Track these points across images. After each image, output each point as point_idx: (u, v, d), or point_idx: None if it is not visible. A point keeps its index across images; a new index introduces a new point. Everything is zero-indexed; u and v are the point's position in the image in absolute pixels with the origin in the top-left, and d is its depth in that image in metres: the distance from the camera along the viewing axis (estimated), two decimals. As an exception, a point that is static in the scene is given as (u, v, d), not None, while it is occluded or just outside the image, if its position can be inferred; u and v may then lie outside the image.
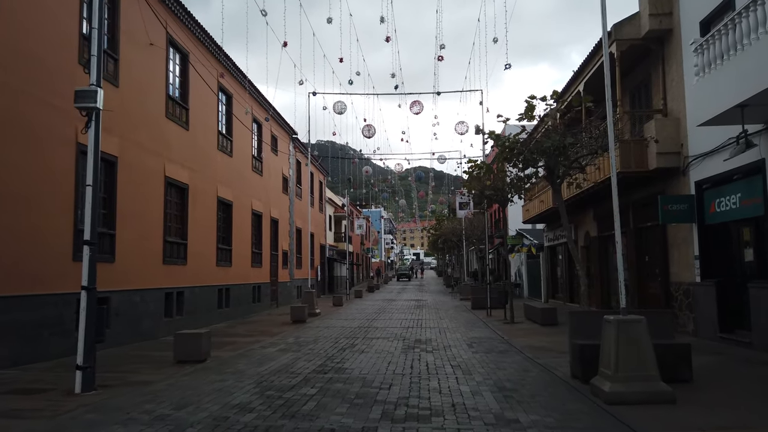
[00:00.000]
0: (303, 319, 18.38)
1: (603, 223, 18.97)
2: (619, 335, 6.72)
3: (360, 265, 59.46)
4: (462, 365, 9.62)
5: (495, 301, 20.96)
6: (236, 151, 20.82)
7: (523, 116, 9.55)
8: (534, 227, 32.27)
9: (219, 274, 18.81)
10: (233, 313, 19.80)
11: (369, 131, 21.88)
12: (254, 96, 22.77)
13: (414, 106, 21.31)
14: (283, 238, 27.63)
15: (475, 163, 17.59)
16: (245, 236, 21.76)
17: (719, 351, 10.54)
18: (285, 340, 13.64)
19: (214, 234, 18.54)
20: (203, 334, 10.01)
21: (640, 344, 6.66)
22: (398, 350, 11.70)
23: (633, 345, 6.67)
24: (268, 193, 25.19)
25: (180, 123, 16.19)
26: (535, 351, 11.36)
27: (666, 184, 13.86)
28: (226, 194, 19.65)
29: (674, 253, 13.74)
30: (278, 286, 26.43)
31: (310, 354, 11.20)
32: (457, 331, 15.51)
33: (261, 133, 24.20)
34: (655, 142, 11.89)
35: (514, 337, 13.97)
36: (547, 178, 10.38)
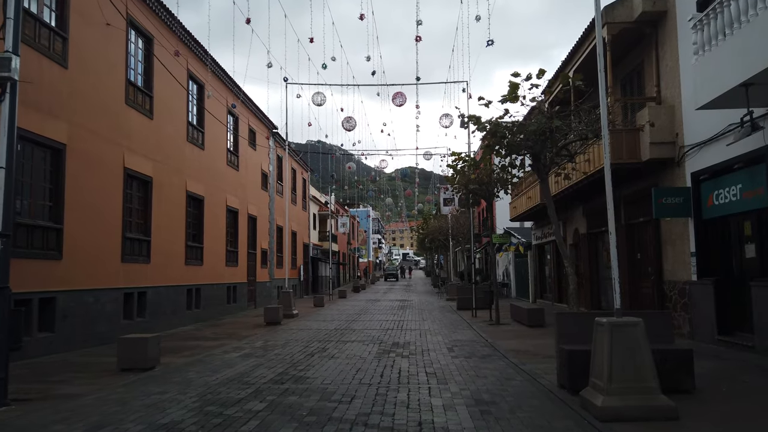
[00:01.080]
0: (277, 321, 17.35)
1: (593, 220, 18.13)
2: (613, 340, 5.80)
3: (346, 264, 58.41)
4: (438, 373, 8.67)
5: (480, 302, 20.07)
6: (209, 143, 19.74)
7: (506, 98, 8.63)
8: (522, 225, 31.47)
9: (188, 273, 17.73)
10: (204, 315, 18.72)
11: (349, 123, 20.91)
12: (229, 86, 21.70)
13: (396, 98, 20.36)
14: (262, 236, 26.57)
15: (459, 156, 16.67)
16: (219, 234, 20.69)
17: (719, 355, 9.68)
18: (252, 344, 12.62)
19: (182, 231, 17.46)
20: (150, 339, 8.97)
21: (638, 351, 5.75)
22: (371, 355, 10.73)
23: (629, 352, 5.75)
24: (245, 189, 24.12)
25: (143, 111, 15.10)
26: (519, 355, 10.45)
27: (659, 177, 13.02)
28: (196, 189, 18.57)
29: (668, 251, 12.90)
30: (256, 287, 25.35)
31: (275, 360, 10.20)
32: (438, 334, 14.58)
33: (237, 126, 23.12)
34: (651, 126, 11.03)
35: (498, 339, 13.06)
36: (532, 166, 9.46)
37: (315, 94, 20.52)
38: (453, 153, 16.67)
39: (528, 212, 22.25)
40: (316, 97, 20.52)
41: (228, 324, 17.81)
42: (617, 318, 5.95)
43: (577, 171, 12.03)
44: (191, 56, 18.14)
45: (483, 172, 17.01)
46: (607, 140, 6.99)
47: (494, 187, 17.01)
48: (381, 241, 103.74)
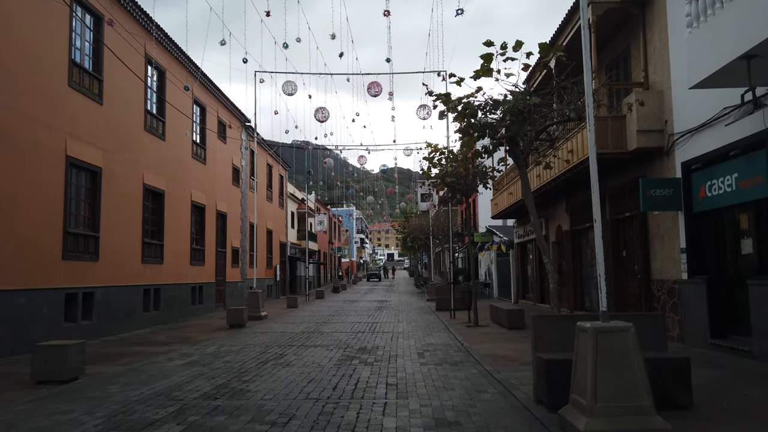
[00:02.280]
0: (242, 324, 16.19)
1: (576, 216, 17.24)
2: (598, 350, 4.79)
3: (325, 264, 57.17)
4: (401, 384, 7.62)
5: (459, 302, 19.08)
6: (171, 134, 18.49)
7: (479, 73, 7.62)
8: (505, 224, 30.59)
9: (146, 272, 16.48)
10: (164, 317, 17.48)
11: (322, 114, 19.79)
12: (194, 74, 20.46)
13: (372, 88, 19.28)
14: (233, 233, 25.33)
15: (435, 148, 15.65)
16: (182, 230, 19.44)
17: (714, 361, 8.76)
18: (204, 350, 11.47)
19: (139, 226, 16.20)
20: (71, 347, 7.80)
21: (628, 362, 4.74)
22: (332, 362, 9.65)
23: (618, 363, 4.75)
24: (214, 184, 22.87)
25: (90, 95, 13.85)
26: (495, 362, 9.45)
27: (647, 168, 12.11)
28: (156, 182, 17.32)
29: (656, 247, 12.00)
30: (226, 287, 24.11)
31: (221, 369, 9.07)
32: (411, 337, 13.55)
33: (204, 117, 21.88)
34: (640, 105, 10.09)
35: (474, 343, 12.06)
36: (509, 152, 8.46)
37: (285, 83, 19.38)
38: (429, 144, 15.64)
39: (510, 209, 21.31)
40: (287, 87, 19.37)
41: (188, 327, 16.60)
42: (603, 322, 4.94)
43: (560, 159, 11.06)
44: (150, 40, 16.89)
45: (461, 164, 16.03)
46: (593, 121, 6.02)
47: (473, 180, 16.04)
48: (364, 241, 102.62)
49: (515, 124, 7.59)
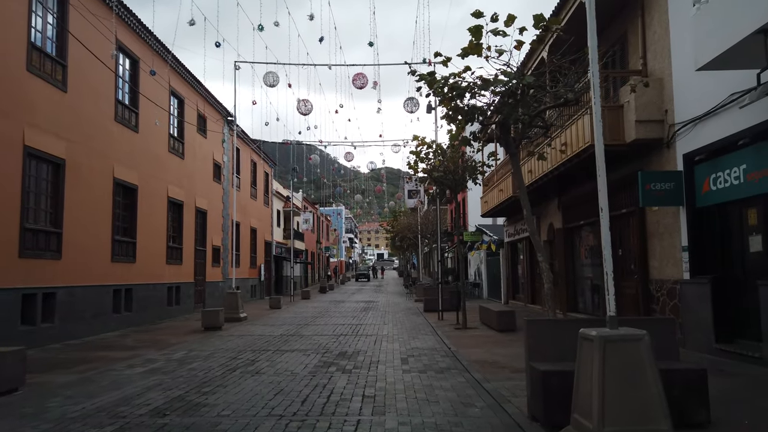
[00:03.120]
0: (218, 326, 15.31)
1: (570, 213, 16.54)
2: (606, 362, 4.02)
3: (312, 264, 56.22)
4: (379, 395, 6.82)
5: (447, 303, 18.33)
6: (145, 126, 17.56)
7: (467, 51, 6.85)
8: (495, 222, 29.92)
9: (116, 271, 15.55)
10: (137, 319, 16.54)
11: (305, 107, 18.94)
12: (172, 65, 19.54)
13: (357, 80, 18.48)
14: (213, 231, 24.39)
15: (422, 141, 14.88)
16: (158, 228, 18.51)
17: (723, 369, 8.05)
18: (171, 355, 10.60)
19: (108, 223, 15.27)
20: (8, 354, 6.92)
21: (642, 378, 3.99)
22: (307, 370, 8.84)
23: (630, 379, 3.99)
24: (193, 180, 21.94)
25: (52, 81, 12.92)
26: (484, 368, 8.70)
27: (645, 162, 11.41)
28: (127, 176, 16.38)
29: (655, 245, 11.31)
30: (206, 287, 23.18)
31: (183, 378, 8.23)
32: (396, 340, 12.77)
33: (182, 110, 20.94)
34: (645, 86, 9.37)
35: (462, 347, 11.31)
36: (500, 139, 7.70)
37: (266, 74, 18.51)
38: (416, 137, 14.86)
39: (500, 206, 20.59)
40: (268, 78, 18.50)
41: (162, 329, 15.69)
42: (611, 329, 4.18)
43: (554, 149, 10.32)
44: (121, 26, 15.97)
45: (449, 160, 15.28)
46: (598, 94, 5.25)
47: (462, 175, 15.29)
48: (353, 241, 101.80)
49: (507, 106, 6.83)
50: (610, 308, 4.26)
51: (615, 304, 4.31)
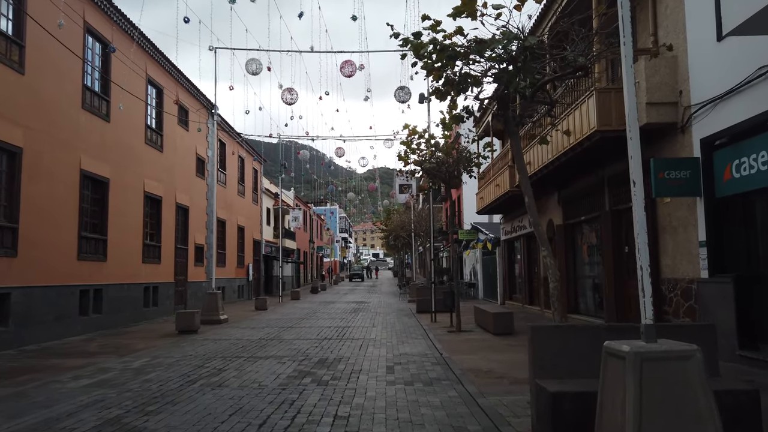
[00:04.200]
0: (192, 329, 14.21)
1: (570, 208, 15.52)
2: (644, 389, 2.97)
3: (305, 263, 55.05)
4: (354, 416, 5.76)
5: (441, 304, 17.28)
6: (118, 116, 16.42)
7: (460, 9, 5.80)
8: (491, 220, 28.94)
9: (83, 270, 14.42)
10: (108, 322, 15.41)
11: (290, 96, 17.85)
12: (149, 52, 18.43)
13: (345, 67, 17.39)
14: (196, 229, 23.25)
15: (413, 130, 13.83)
16: (133, 224, 17.37)
17: (753, 379, 6.99)
18: (130, 364, 9.50)
19: (74, 218, 14.14)
20: None
21: (694, 409, 2.93)
22: (278, 381, 7.77)
23: (678, 411, 2.93)
24: (173, 174, 20.81)
25: (8, 63, 11.80)
26: (479, 379, 7.65)
27: (656, 149, 10.38)
28: (97, 168, 15.25)
29: (667, 240, 10.28)
30: (187, 287, 22.04)
31: (132, 392, 7.14)
32: (384, 345, 11.71)
33: (161, 101, 19.81)
34: (654, 56, 8.34)
35: (455, 353, 10.26)
36: (498, 115, 6.65)
37: (249, 61, 17.41)
38: (406, 126, 13.81)
39: (496, 202, 19.56)
40: (250, 65, 17.40)
41: (132, 333, 14.56)
42: (649, 343, 3.12)
43: (558, 131, 9.28)
44: (90, 7, 14.84)
45: (442, 150, 14.25)
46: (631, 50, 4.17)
47: (456, 167, 14.27)
48: (348, 241, 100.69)
49: (506, 74, 5.79)
50: (646, 314, 3.21)
51: (652, 309, 3.26)
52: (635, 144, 3.37)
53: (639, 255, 3.28)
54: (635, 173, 3.37)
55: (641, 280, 3.25)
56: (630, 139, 3.36)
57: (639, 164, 3.39)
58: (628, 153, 3.60)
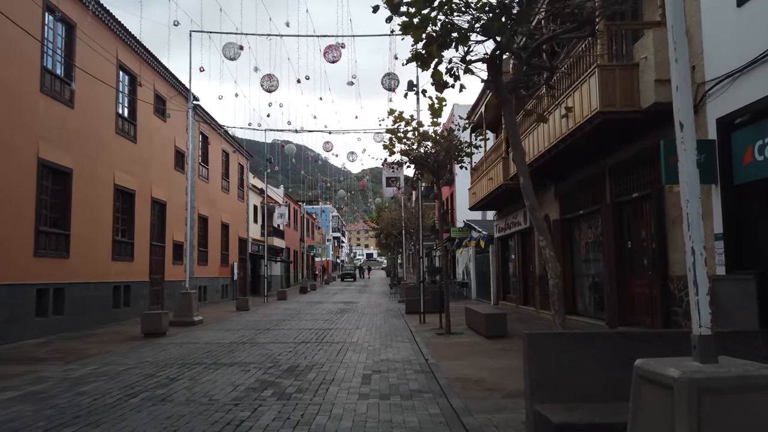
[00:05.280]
0: (160, 332, 13.10)
1: (568, 202, 14.53)
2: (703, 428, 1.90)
3: (294, 263, 53.86)
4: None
5: (430, 304, 16.23)
6: (84, 102, 15.29)
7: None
8: (484, 217, 27.92)
9: (41, 268, 13.28)
10: (70, 323, 14.26)
11: (270, 82, 16.77)
12: (121, 35, 17.29)
13: (329, 52, 16.33)
14: (175, 225, 22.10)
15: (400, 116, 12.78)
16: (100, 219, 16.23)
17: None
18: (73, 372, 8.41)
19: (30, 211, 13.00)
20: None
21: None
22: (233, 395, 6.70)
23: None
24: (148, 167, 19.66)
25: (-52, 36, 10.67)
26: (467, 391, 6.62)
27: (663, 133, 9.34)
28: (58, 157, 14.11)
29: (677, 234, 9.27)
30: (164, 286, 20.89)
31: (55, 409, 6.06)
32: (365, 350, 10.66)
33: (135, 88, 18.66)
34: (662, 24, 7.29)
35: (442, 358, 9.22)
36: (488, 81, 5.60)
37: (227, 46, 16.32)
38: (391, 111, 12.75)
39: (490, 197, 18.53)
40: (228, 50, 16.30)
41: (95, 336, 13.44)
42: (706, 363, 2.07)
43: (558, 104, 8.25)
44: (51, -18, 13.71)
45: (431, 138, 13.21)
46: None
47: (445, 157, 13.23)
48: (341, 240, 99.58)
49: (497, 23, 4.76)
50: (700, 321, 2.15)
51: (707, 315, 2.21)
52: (682, 67, 2.32)
53: (690, 232, 2.23)
54: (683, 112, 2.31)
55: (693, 269, 2.20)
56: (675, 62, 2.31)
57: (688, 97, 2.34)
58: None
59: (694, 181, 2.23)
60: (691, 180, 2.21)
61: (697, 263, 2.14)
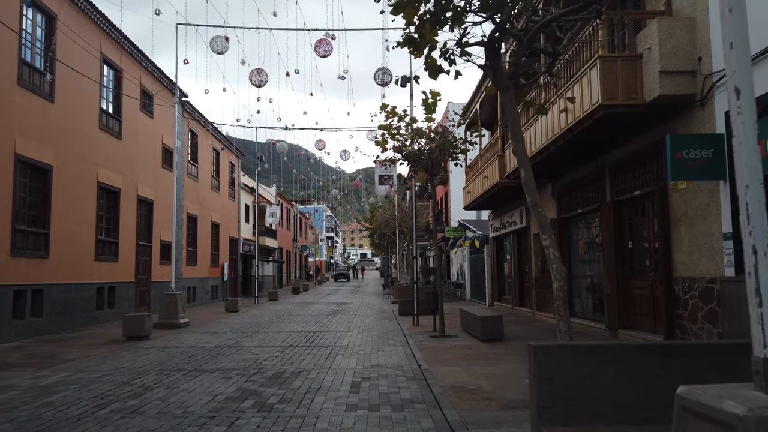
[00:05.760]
0: (142, 335, 12.57)
1: (566, 201, 14.11)
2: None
3: (287, 263, 53.28)
4: (290, 463, 4.22)
5: (424, 305, 15.79)
6: (65, 97, 14.74)
7: None
8: (479, 217, 27.52)
9: (18, 268, 12.73)
10: (50, 326, 13.72)
11: (259, 77, 16.26)
12: (105, 28, 16.74)
13: (320, 46, 15.85)
14: (162, 225, 21.54)
15: (392, 110, 12.32)
16: (83, 218, 15.68)
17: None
18: (44, 380, 7.90)
19: (8, 209, 12.45)
20: None
21: None
22: (210, 406, 6.21)
23: None
24: (134, 164, 19.10)
25: None
26: (462, 401, 6.17)
27: (668, 128, 8.94)
28: (37, 154, 13.56)
29: (682, 233, 8.85)
30: (151, 287, 20.33)
31: (15, 423, 5.56)
32: (355, 354, 10.19)
33: (120, 83, 18.10)
34: None
35: (436, 364, 8.77)
36: (486, 65, 5.14)
37: (214, 39, 15.80)
38: (383, 106, 12.29)
39: (485, 196, 18.10)
40: (215, 43, 15.79)
41: (75, 339, 12.90)
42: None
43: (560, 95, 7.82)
44: (29, -29, 13.16)
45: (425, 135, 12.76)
46: None
47: (439, 154, 12.79)
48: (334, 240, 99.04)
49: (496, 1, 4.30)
50: (765, 340, 1.69)
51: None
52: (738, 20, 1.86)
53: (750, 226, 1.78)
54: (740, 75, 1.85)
55: (754, 274, 1.74)
56: (729, 12, 1.85)
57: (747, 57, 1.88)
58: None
59: (755, 162, 1.77)
60: (752, 161, 1.75)
61: (760, 265, 1.68)
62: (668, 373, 3.05)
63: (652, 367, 3.02)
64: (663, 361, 3.02)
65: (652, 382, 2.98)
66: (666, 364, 3.01)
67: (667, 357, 3.02)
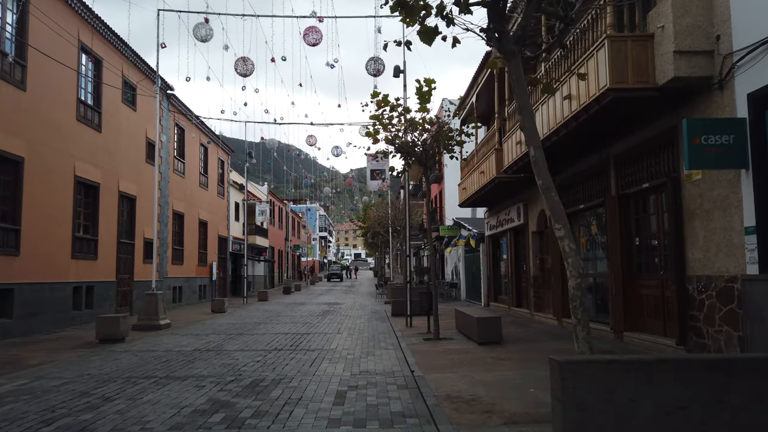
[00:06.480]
0: (117, 337, 11.78)
1: (566, 196, 13.37)
2: None
3: (279, 262, 52.40)
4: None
5: (418, 306, 15.04)
6: (38, 85, 13.92)
7: None
8: (474, 215, 26.88)
9: (-16, 266, 11.92)
10: (21, 328, 12.90)
11: (245, 66, 15.49)
12: (82, 14, 15.92)
13: (309, 34, 15.11)
14: (145, 222, 20.69)
15: (384, 99, 11.58)
16: (58, 213, 14.85)
17: None
18: None
19: (-28, 203, 11.64)
20: None
21: None
22: (172, 422, 5.49)
23: None
24: (114, 158, 18.28)
25: None
26: (459, 414, 5.46)
27: (684, 112, 8.26)
28: (7, 145, 12.74)
29: (697, 228, 8.17)
30: (133, 287, 19.50)
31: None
32: (343, 359, 9.46)
33: (100, 73, 17.27)
34: None
35: (431, 369, 8.06)
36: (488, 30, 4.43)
37: (197, 26, 15.02)
38: (375, 94, 11.56)
39: (481, 192, 17.39)
40: (199, 30, 15.01)
41: (44, 342, 12.09)
42: None
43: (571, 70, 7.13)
44: (-2, -51, 12.34)
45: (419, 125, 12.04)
46: None
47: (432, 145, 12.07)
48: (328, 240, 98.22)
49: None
50: None
51: None
52: None
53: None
54: None
55: None
56: None
57: None
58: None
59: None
60: None
61: None
62: (732, 394, 2.34)
63: (713, 387, 2.30)
64: (725, 382, 2.29)
65: (714, 408, 2.27)
66: (729, 385, 2.29)
67: (729, 377, 2.30)
